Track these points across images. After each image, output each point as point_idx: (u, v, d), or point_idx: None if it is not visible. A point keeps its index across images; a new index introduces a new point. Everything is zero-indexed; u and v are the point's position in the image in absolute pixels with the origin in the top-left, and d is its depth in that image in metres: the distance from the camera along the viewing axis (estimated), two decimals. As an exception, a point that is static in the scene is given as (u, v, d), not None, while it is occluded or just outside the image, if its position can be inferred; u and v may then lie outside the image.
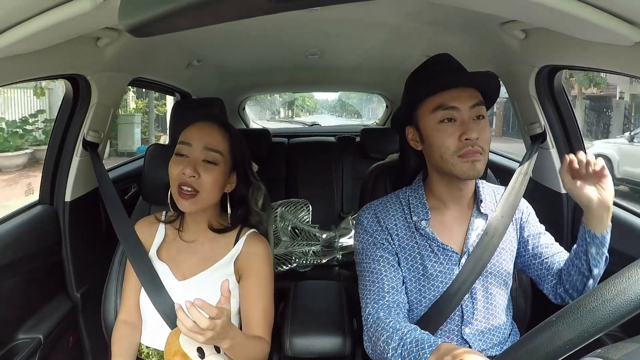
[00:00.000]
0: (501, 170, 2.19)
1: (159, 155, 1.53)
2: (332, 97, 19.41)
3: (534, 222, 1.29)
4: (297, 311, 1.53)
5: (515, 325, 1.27)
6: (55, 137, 1.69)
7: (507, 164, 2.39)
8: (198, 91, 2.91)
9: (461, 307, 1.17)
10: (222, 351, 1.13)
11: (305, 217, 2.68)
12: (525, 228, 1.27)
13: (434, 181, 1.21)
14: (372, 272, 1.17)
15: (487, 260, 1.16)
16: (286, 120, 14.21)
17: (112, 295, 1.40)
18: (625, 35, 0.97)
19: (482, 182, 1.28)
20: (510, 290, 1.26)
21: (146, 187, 1.54)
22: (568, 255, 1.20)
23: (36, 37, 1.00)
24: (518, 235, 1.27)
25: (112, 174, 2.08)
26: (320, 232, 2.63)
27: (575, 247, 1.15)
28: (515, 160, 2.41)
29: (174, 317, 1.21)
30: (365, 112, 17.06)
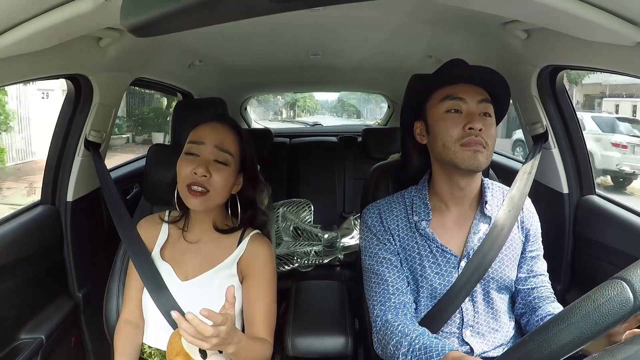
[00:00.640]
0: (503, 170, 2.19)
1: (161, 155, 1.53)
2: (332, 97, 19.51)
3: (537, 242, 1.27)
4: (299, 311, 1.53)
5: (518, 326, 1.27)
6: (57, 137, 1.69)
7: (509, 163, 2.39)
8: (200, 91, 2.91)
9: (461, 310, 1.16)
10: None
11: (307, 217, 2.67)
12: (529, 242, 1.25)
13: (436, 178, 1.21)
14: (377, 273, 1.18)
15: (488, 264, 1.15)
16: (288, 121, 14.26)
17: (114, 295, 1.40)
18: (626, 35, 0.97)
19: (491, 183, 1.27)
20: (512, 293, 1.26)
21: (148, 187, 1.54)
22: (546, 288, 1.23)
23: (38, 37, 1.00)
24: (522, 242, 1.25)
25: (113, 174, 2.08)
26: (322, 232, 2.62)
27: None
28: (517, 160, 2.41)
29: None
30: (363, 112, 17.22)
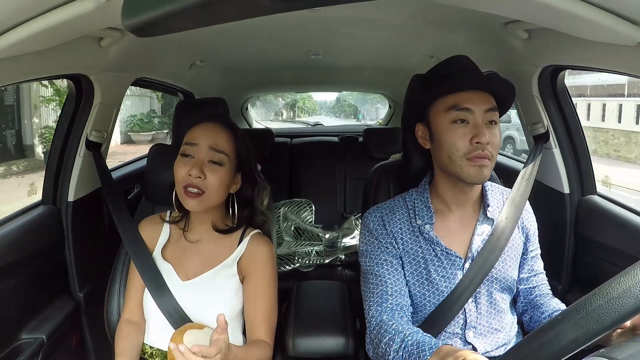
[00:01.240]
0: (504, 171, 2.19)
1: (162, 155, 1.53)
2: (330, 98, 19.69)
3: (536, 241, 1.29)
4: (299, 311, 1.52)
5: (520, 325, 1.27)
6: (58, 137, 1.69)
7: (510, 164, 2.38)
8: (201, 91, 2.91)
9: (464, 311, 1.16)
10: None
11: (308, 217, 2.67)
12: (530, 242, 1.27)
13: (439, 183, 1.21)
14: (376, 275, 1.17)
15: (491, 264, 1.15)
16: (289, 121, 14.29)
17: (115, 295, 1.40)
18: (628, 35, 0.97)
19: (490, 185, 1.27)
20: (515, 294, 1.26)
21: (149, 187, 1.54)
22: (545, 285, 1.27)
23: (39, 37, 1.00)
24: (523, 242, 1.26)
25: (114, 174, 2.08)
26: (323, 232, 2.62)
27: None
28: (518, 160, 2.40)
29: (178, 317, 1.22)
30: (361, 112, 17.46)
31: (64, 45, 1.18)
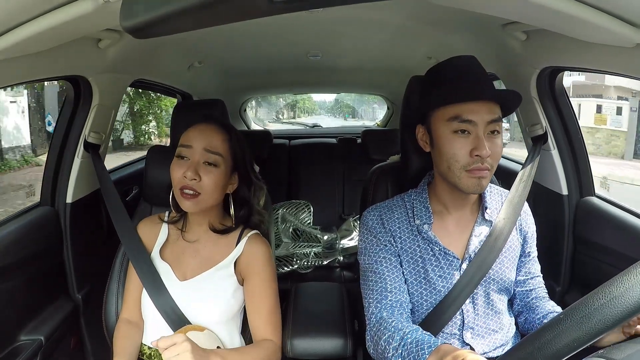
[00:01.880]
0: (502, 172, 2.18)
1: (160, 156, 1.53)
2: (329, 99, 19.83)
3: (534, 244, 1.29)
4: (298, 313, 1.52)
5: (517, 326, 1.27)
6: (56, 138, 1.69)
7: (509, 165, 2.38)
8: (199, 92, 2.91)
9: (462, 312, 1.16)
10: None
11: (306, 219, 2.67)
12: (528, 244, 1.27)
13: (438, 186, 1.21)
14: (375, 272, 1.17)
15: (489, 265, 1.16)
16: (287, 122, 14.33)
17: (114, 297, 1.40)
18: (626, 37, 0.97)
19: (488, 187, 1.26)
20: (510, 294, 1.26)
21: (147, 188, 1.54)
22: (542, 288, 1.28)
23: (38, 39, 1.00)
24: (521, 244, 1.26)
25: (113, 176, 2.07)
26: (321, 234, 2.62)
27: None
28: (517, 162, 2.40)
29: (176, 318, 1.22)
30: (358, 113, 17.61)
31: (63, 47, 1.18)
